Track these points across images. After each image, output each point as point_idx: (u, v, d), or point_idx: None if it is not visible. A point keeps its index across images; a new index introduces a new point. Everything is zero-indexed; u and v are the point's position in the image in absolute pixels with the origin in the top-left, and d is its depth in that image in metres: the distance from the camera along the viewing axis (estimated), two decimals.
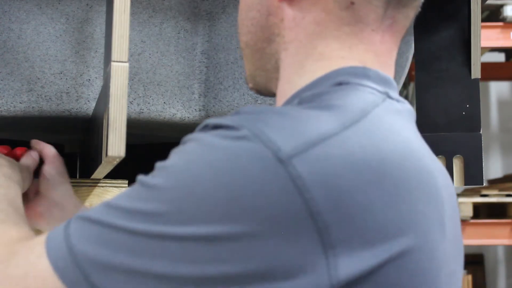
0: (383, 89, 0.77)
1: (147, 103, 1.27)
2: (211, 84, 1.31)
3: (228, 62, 1.29)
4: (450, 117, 1.21)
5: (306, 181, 0.63)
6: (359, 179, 0.65)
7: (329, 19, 0.78)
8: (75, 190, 1.16)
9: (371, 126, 0.70)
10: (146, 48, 1.27)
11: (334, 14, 0.77)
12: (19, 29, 1.20)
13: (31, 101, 1.22)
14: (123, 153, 0.94)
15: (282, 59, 0.82)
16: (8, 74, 1.20)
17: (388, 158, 0.68)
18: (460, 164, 1.52)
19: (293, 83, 0.80)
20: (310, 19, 0.78)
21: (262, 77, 0.87)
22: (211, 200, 0.64)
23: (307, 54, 0.79)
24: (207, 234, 0.63)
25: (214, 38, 1.31)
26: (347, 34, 0.78)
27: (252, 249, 0.63)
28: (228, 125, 0.67)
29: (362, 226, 0.64)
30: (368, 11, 0.77)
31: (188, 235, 0.64)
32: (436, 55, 1.21)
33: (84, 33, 1.22)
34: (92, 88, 1.23)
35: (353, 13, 0.77)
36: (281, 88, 0.83)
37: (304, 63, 0.79)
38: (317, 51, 0.79)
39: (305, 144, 0.65)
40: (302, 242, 0.63)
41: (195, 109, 1.31)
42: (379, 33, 0.79)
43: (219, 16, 1.30)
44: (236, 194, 0.63)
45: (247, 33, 0.85)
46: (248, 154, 0.64)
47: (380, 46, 0.79)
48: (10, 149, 1.14)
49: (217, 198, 0.63)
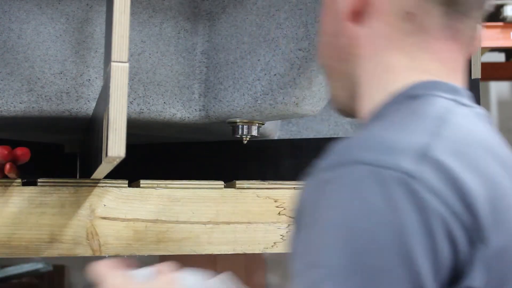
0: (452, 97, 0.80)
1: (147, 103, 1.27)
2: (211, 84, 1.31)
3: (228, 62, 1.29)
4: None
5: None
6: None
7: (392, 31, 0.81)
8: (75, 190, 1.16)
9: (456, 130, 0.74)
10: (146, 48, 1.27)
11: (395, 26, 0.81)
12: (19, 29, 1.20)
13: (31, 101, 1.21)
14: (123, 153, 0.94)
15: (358, 76, 0.85)
16: (8, 74, 1.20)
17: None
18: None
19: (371, 99, 0.83)
20: (376, 35, 0.82)
21: (344, 98, 0.90)
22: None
23: (377, 68, 0.83)
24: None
25: (214, 38, 1.31)
26: (411, 44, 0.81)
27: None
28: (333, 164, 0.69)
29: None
30: (428, 21, 0.80)
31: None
32: None
33: (84, 33, 1.22)
34: (92, 88, 1.23)
35: (413, 24, 0.80)
36: (361, 106, 0.86)
37: (376, 78, 0.83)
38: (385, 64, 0.82)
39: (417, 158, 0.67)
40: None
41: (195, 109, 1.31)
42: (442, 41, 0.81)
43: (219, 16, 1.30)
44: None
45: (325, 57, 0.91)
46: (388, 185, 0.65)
47: (444, 54, 0.82)
48: (10, 149, 1.14)
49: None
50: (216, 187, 1.24)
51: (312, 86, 1.23)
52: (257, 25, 1.25)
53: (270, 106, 1.23)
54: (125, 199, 1.19)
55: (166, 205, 1.21)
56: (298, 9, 1.20)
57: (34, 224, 1.14)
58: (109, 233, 1.17)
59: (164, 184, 1.21)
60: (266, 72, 1.23)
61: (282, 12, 1.22)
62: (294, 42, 1.20)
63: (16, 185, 1.14)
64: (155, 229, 1.20)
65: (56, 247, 1.15)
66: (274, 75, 1.23)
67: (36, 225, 1.15)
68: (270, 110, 1.24)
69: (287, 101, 1.23)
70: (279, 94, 1.22)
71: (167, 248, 1.20)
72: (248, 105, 1.25)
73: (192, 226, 1.22)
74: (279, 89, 1.22)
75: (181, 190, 1.22)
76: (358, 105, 0.87)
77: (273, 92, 1.23)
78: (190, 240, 1.22)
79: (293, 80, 1.21)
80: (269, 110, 1.24)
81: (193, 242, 1.22)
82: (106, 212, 1.17)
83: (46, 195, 1.15)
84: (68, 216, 1.16)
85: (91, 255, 1.16)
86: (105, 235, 1.17)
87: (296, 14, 1.20)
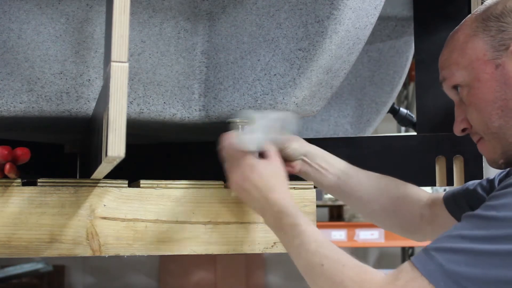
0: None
1: (147, 103, 1.27)
2: (211, 84, 1.31)
3: (228, 62, 1.29)
4: (450, 117, 1.21)
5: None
6: None
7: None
8: (75, 190, 1.16)
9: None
10: (146, 48, 1.27)
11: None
12: (19, 29, 1.20)
13: (31, 101, 1.21)
14: (123, 153, 0.94)
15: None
16: (8, 74, 1.20)
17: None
18: (460, 164, 1.52)
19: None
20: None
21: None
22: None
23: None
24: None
25: (214, 38, 1.31)
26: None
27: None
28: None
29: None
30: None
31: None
32: (436, 55, 1.21)
33: (84, 33, 1.22)
34: (92, 88, 1.23)
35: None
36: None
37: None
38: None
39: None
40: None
41: (195, 109, 1.31)
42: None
43: (219, 16, 1.30)
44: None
45: (498, 119, 1.11)
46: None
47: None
48: (10, 149, 1.14)
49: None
50: (216, 187, 1.24)
51: (312, 86, 1.23)
52: (257, 25, 1.25)
53: (270, 106, 1.23)
54: (125, 199, 1.19)
55: (166, 205, 1.21)
56: (298, 9, 1.20)
57: (34, 224, 1.14)
58: (109, 233, 1.17)
59: (164, 184, 1.21)
60: (266, 72, 1.23)
61: (282, 12, 1.22)
62: (294, 42, 1.20)
63: (16, 185, 1.14)
64: (155, 229, 1.20)
65: (56, 247, 1.15)
66: (274, 75, 1.23)
67: (36, 225, 1.15)
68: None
69: (287, 101, 1.23)
70: (279, 94, 1.22)
71: (167, 248, 1.20)
72: (248, 105, 1.25)
73: (192, 226, 1.22)
74: (279, 89, 1.22)
75: (181, 190, 1.22)
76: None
77: (273, 92, 1.23)
78: (190, 240, 1.22)
79: (293, 80, 1.21)
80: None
81: (193, 242, 1.22)
82: (106, 212, 1.17)
83: (46, 195, 1.15)
84: (68, 216, 1.16)
85: (91, 255, 1.16)
86: (105, 235, 1.17)
87: (296, 14, 1.20)
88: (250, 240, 1.26)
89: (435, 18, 1.61)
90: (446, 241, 1.00)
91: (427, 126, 1.58)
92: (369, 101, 1.92)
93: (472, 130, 1.17)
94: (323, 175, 1.37)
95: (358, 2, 1.19)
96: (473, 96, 1.13)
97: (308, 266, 1.08)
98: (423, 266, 0.99)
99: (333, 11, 1.16)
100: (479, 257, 0.96)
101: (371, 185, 1.38)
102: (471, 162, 1.51)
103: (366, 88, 1.92)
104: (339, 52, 1.22)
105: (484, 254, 0.96)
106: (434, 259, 0.98)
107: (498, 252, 0.95)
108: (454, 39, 1.17)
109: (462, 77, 1.14)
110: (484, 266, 0.95)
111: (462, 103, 1.17)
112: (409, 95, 5.18)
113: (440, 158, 1.53)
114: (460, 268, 0.96)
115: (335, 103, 1.93)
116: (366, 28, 1.25)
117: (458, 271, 0.96)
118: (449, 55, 1.17)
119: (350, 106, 1.93)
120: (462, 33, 1.16)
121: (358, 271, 1.04)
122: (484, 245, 0.96)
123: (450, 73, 1.16)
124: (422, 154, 1.55)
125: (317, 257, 1.07)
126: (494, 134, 1.12)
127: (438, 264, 0.97)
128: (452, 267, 0.96)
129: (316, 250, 1.08)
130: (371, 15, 1.24)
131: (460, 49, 1.15)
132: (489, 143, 1.14)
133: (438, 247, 0.99)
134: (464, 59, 1.14)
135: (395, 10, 1.82)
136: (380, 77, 1.91)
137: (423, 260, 1.00)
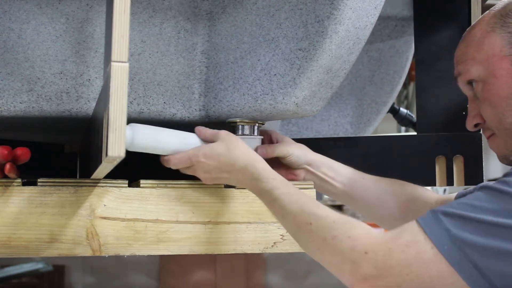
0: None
1: (147, 103, 1.27)
2: (211, 84, 1.31)
3: (228, 62, 1.29)
4: (450, 117, 1.21)
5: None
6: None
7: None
8: (75, 190, 1.16)
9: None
10: (146, 48, 1.27)
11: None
12: (19, 29, 1.20)
13: (31, 101, 1.21)
14: (123, 153, 0.94)
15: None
16: (8, 74, 1.20)
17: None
18: (460, 164, 1.52)
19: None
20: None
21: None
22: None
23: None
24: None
25: (214, 38, 1.31)
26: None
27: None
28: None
29: None
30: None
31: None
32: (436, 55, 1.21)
33: (84, 33, 1.22)
34: (92, 88, 1.23)
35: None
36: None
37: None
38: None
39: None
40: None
41: (195, 109, 1.31)
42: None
43: (219, 16, 1.30)
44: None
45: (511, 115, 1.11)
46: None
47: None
48: (10, 149, 1.14)
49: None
50: (216, 187, 1.24)
51: (312, 86, 1.23)
52: (257, 25, 1.25)
53: (270, 106, 1.23)
54: (125, 199, 1.19)
55: (166, 205, 1.21)
56: (298, 9, 1.20)
57: (34, 224, 1.14)
58: (109, 233, 1.17)
59: (164, 184, 1.21)
60: (266, 72, 1.23)
61: (282, 12, 1.22)
62: (294, 42, 1.20)
63: (16, 185, 1.14)
64: (155, 229, 1.20)
65: (56, 247, 1.15)
66: (274, 75, 1.23)
67: (36, 225, 1.15)
68: (270, 110, 1.24)
69: (287, 101, 1.23)
70: (279, 94, 1.22)
71: (167, 248, 1.20)
72: (248, 105, 1.25)
73: (192, 226, 1.22)
74: (279, 89, 1.22)
75: (181, 190, 1.22)
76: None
77: (273, 92, 1.23)
78: (190, 240, 1.22)
79: (293, 80, 1.21)
80: (269, 110, 1.24)
81: (193, 242, 1.22)
82: (106, 212, 1.17)
83: (46, 195, 1.15)
84: (68, 216, 1.16)
85: (91, 255, 1.16)
86: (105, 235, 1.17)
87: (296, 14, 1.20)
88: (250, 240, 1.26)
89: (435, 18, 1.61)
90: (457, 207, 1.01)
91: (427, 126, 1.58)
92: (369, 101, 1.92)
93: (485, 125, 1.17)
94: (330, 184, 1.36)
95: (358, 2, 1.19)
96: (488, 92, 1.13)
97: (296, 227, 1.07)
98: (429, 228, 1.00)
99: (333, 11, 1.16)
100: (488, 228, 0.98)
101: (378, 190, 1.37)
102: (471, 162, 1.51)
103: (366, 88, 1.92)
104: (339, 52, 1.21)
105: (493, 225, 0.98)
106: (442, 223, 1.00)
107: (506, 226, 0.98)
108: (471, 35, 1.17)
109: (477, 72, 1.14)
110: (489, 237, 0.98)
111: (476, 99, 1.17)
112: (409, 95, 5.18)
113: (440, 158, 1.53)
114: (466, 235, 0.98)
115: (335, 103, 1.93)
116: (366, 28, 1.25)
117: (463, 237, 0.98)
118: (466, 50, 1.17)
119: (350, 106, 1.94)
120: (480, 29, 1.15)
121: (351, 225, 1.03)
122: (494, 217, 0.98)
123: (465, 68, 1.16)
124: (422, 154, 1.55)
125: (302, 216, 1.06)
126: (507, 130, 1.13)
127: (445, 228, 0.99)
128: (459, 233, 0.98)
129: (300, 209, 1.07)
130: (371, 15, 1.24)
131: (477, 44, 1.14)
132: (501, 139, 1.15)
133: (448, 212, 1.01)
134: (480, 54, 1.14)
135: (395, 10, 1.82)
136: (380, 77, 1.91)
137: (430, 222, 1.01)
